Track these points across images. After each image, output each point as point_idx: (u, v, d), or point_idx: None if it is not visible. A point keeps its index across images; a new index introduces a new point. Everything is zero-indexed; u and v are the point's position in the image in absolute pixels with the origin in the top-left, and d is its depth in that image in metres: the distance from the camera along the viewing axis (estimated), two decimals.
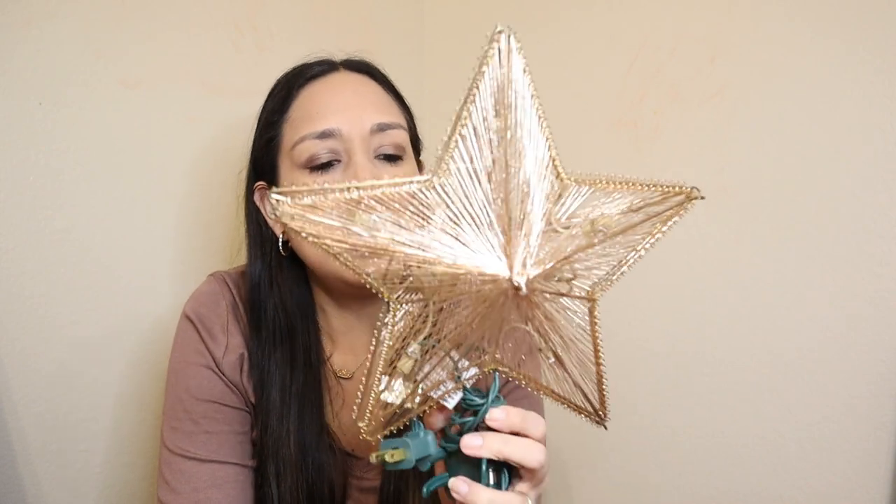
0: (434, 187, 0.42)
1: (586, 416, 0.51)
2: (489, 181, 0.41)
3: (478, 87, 0.41)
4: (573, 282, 0.46)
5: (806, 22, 0.88)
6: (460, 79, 0.44)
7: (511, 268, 0.40)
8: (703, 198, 0.45)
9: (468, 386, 0.49)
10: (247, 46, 1.03)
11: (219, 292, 0.75)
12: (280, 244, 0.72)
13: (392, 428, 0.49)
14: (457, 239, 0.41)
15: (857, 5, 0.84)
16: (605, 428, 0.52)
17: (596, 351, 0.48)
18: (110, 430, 0.94)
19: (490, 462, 0.48)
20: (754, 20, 0.93)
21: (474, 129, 0.41)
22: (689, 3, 0.99)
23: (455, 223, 0.42)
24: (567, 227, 0.43)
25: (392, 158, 0.68)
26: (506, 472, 0.49)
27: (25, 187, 0.83)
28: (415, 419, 0.50)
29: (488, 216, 0.41)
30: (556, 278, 0.45)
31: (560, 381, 0.50)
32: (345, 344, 0.76)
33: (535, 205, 0.42)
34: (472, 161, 0.41)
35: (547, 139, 0.43)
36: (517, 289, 0.40)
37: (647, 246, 0.46)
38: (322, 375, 0.73)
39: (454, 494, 0.47)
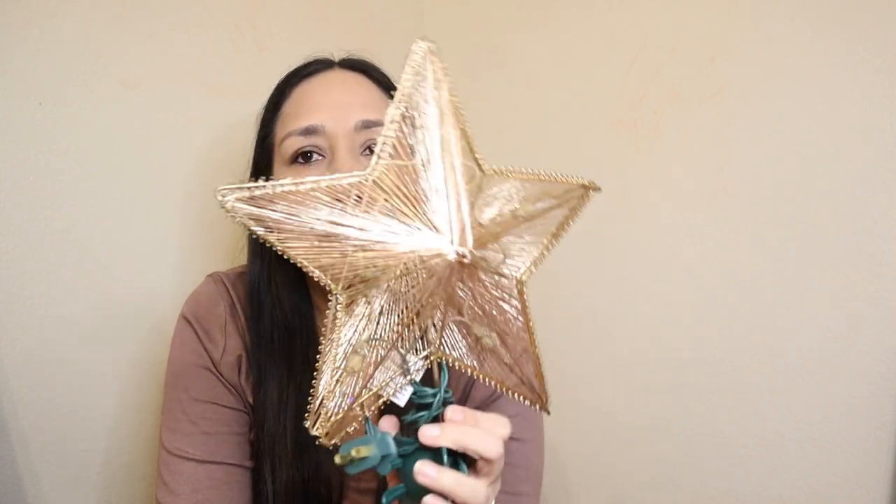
0: (373, 181, 0.45)
1: (527, 400, 0.52)
2: (420, 172, 0.45)
3: (402, 93, 0.45)
4: (504, 263, 0.49)
5: (806, 22, 0.88)
6: (460, 78, 0.45)
7: (453, 240, 0.44)
8: (599, 189, 0.49)
9: (417, 381, 0.50)
10: (247, 46, 1.03)
11: (217, 293, 0.75)
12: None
13: (347, 430, 0.50)
14: (398, 221, 0.45)
15: (857, 5, 0.84)
16: (548, 412, 0.52)
17: (530, 334, 0.50)
18: (110, 430, 0.94)
19: (448, 453, 0.48)
20: (754, 20, 0.93)
21: (402, 127, 0.45)
22: (689, 3, 0.99)
23: (394, 209, 0.45)
24: (493, 210, 0.47)
25: None
26: (464, 466, 0.49)
27: (25, 187, 0.84)
28: (368, 422, 0.50)
29: (424, 199, 0.45)
30: (490, 260, 0.48)
31: (500, 366, 0.51)
32: None
33: (461, 189, 0.45)
34: (403, 156, 0.45)
35: (464, 134, 0.46)
36: (462, 257, 0.44)
37: (561, 234, 0.50)
38: None
39: (421, 479, 0.47)
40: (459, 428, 0.48)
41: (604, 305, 1.13)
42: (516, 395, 0.52)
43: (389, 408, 0.52)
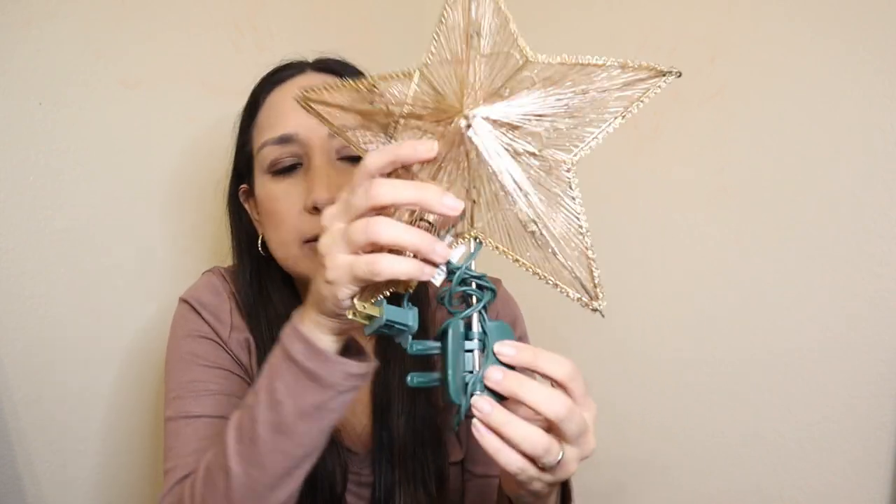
0: (421, 71, 0.49)
1: (577, 298, 0.48)
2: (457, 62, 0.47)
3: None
4: (545, 149, 0.48)
5: (806, 22, 0.88)
6: None
7: (463, 105, 0.46)
8: (679, 74, 0.48)
9: (452, 260, 0.48)
10: (247, 46, 1.03)
11: (219, 284, 0.75)
12: (259, 244, 0.72)
13: (377, 298, 0.49)
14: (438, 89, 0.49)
15: (857, 5, 0.84)
16: (602, 314, 0.47)
17: (579, 221, 0.48)
18: (110, 430, 0.94)
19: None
20: (754, 20, 0.93)
21: (449, 27, 0.48)
22: (689, 3, 0.99)
23: (434, 91, 0.49)
24: (534, 93, 0.47)
25: (355, 159, 0.67)
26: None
27: (25, 187, 0.84)
28: (405, 297, 0.49)
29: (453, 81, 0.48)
30: (525, 139, 0.47)
31: (544, 258, 0.48)
32: None
33: (491, 65, 0.47)
34: (445, 51, 0.48)
35: (510, 22, 0.47)
36: (467, 122, 0.46)
37: (625, 116, 0.49)
38: None
39: (488, 383, 0.45)
40: (520, 381, 0.45)
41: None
42: (563, 290, 0.48)
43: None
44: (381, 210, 0.45)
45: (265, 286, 0.73)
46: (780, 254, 0.93)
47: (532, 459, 0.44)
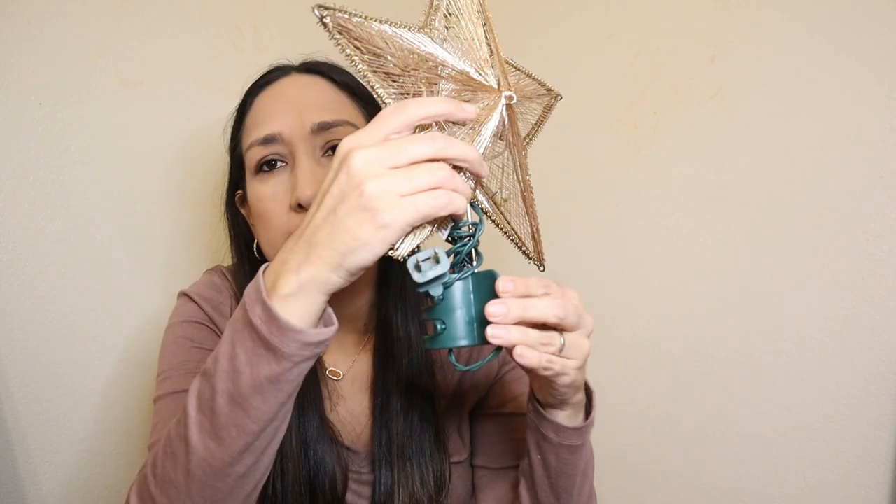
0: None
1: (527, 255, 0.57)
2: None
3: None
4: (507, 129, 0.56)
5: (805, 22, 0.88)
6: None
7: (500, 85, 0.52)
8: (560, 97, 0.63)
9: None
10: (247, 46, 1.03)
11: (220, 283, 0.76)
12: (255, 247, 0.73)
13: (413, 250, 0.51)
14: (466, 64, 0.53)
15: (857, 6, 0.84)
16: (542, 268, 0.58)
17: (525, 187, 0.57)
18: (110, 430, 0.94)
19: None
20: (754, 20, 0.93)
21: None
22: (689, 3, 0.99)
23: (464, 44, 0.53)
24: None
25: None
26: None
27: (25, 187, 0.84)
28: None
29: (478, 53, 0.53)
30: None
31: (518, 219, 0.57)
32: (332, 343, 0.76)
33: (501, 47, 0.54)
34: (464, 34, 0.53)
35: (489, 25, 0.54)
36: (510, 99, 0.52)
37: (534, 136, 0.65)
38: (318, 370, 0.73)
39: (503, 294, 0.51)
40: (519, 303, 0.50)
41: (603, 305, 1.13)
42: (524, 249, 0.57)
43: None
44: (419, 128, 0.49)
45: None
46: (780, 253, 0.93)
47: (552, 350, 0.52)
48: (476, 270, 0.52)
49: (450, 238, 0.52)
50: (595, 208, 1.11)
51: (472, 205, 0.53)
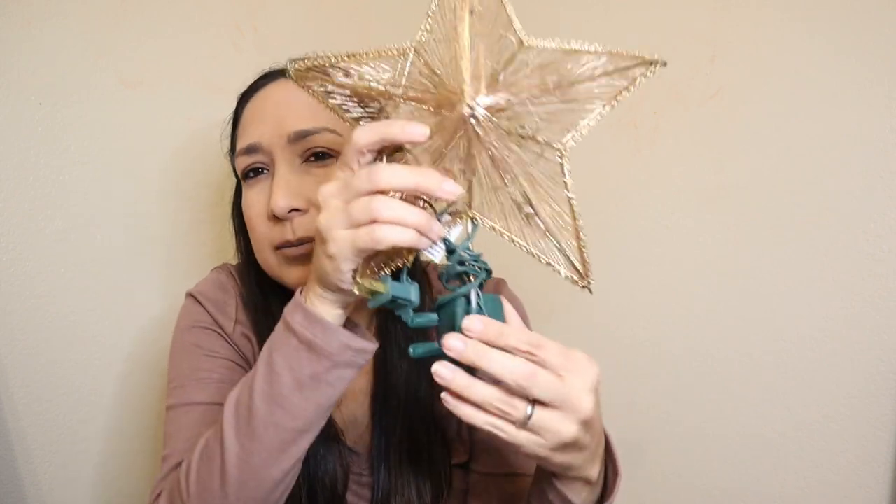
0: (414, 49, 0.49)
1: (567, 276, 0.49)
2: (451, 40, 0.48)
3: None
4: (539, 132, 0.49)
5: (806, 22, 0.88)
6: None
7: (465, 93, 0.46)
8: (665, 64, 0.47)
9: (448, 237, 0.51)
10: (247, 46, 1.03)
11: (226, 282, 0.76)
12: None
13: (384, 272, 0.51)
14: (433, 80, 0.49)
15: (857, 6, 0.84)
16: (590, 291, 0.49)
17: (570, 204, 0.49)
18: (110, 430, 0.94)
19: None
20: (754, 20, 0.93)
21: (445, 4, 0.48)
22: (689, 3, 0.99)
23: (431, 74, 0.49)
24: (530, 78, 0.48)
25: (321, 156, 0.67)
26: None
27: (25, 187, 0.84)
28: (404, 270, 0.51)
29: (455, 65, 0.48)
30: (522, 126, 0.48)
31: (537, 238, 0.50)
32: None
33: (482, 51, 0.48)
34: (441, 29, 0.48)
35: (505, 4, 0.49)
36: (471, 110, 0.46)
37: (613, 104, 0.50)
38: None
39: (448, 352, 0.46)
40: (480, 348, 0.46)
41: (602, 305, 1.13)
42: (556, 268, 0.49)
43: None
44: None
45: (265, 289, 0.74)
46: (780, 253, 0.93)
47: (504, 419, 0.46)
48: (460, 293, 0.49)
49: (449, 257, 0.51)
50: (595, 208, 1.11)
51: (472, 221, 0.51)
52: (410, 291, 0.51)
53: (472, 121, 0.47)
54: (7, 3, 0.81)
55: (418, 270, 0.73)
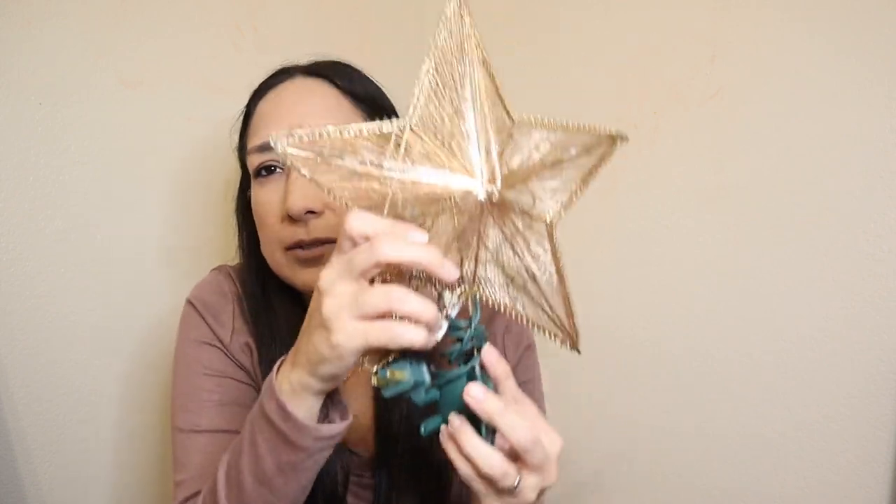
0: (411, 127, 0.48)
1: (558, 339, 0.52)
2: (454, 119, 0.49)
3: (435, 46, 0.48)
4: (534, 206, 0.50)
5: (806, 22, 0.88)
6: None
7: (483, 182, 0.48)
8: (626, 139, 0.50)
9: (452, 316, 0.51)
10: (247, 46, 1.03)
11: (224, 283, 0.76)
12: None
13: (387, 359, 0.52)
14: (434, 165, 0.49)
15: (857, 6, 0.84)
16: (578, 352, 0.52)
17: (559, 274, 0.51)
18: (110, 430, 0.94)
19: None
20: (754, 20, 0.93)
21: (437, 78, 0.48)
22: (689, 3, 0.99)
23: (429, 154, 0.49)
24: (522, 156, 0.49)
25: None
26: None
27: (25, 187, 0.84)
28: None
29: (457, 145, 0.49)
30: (521, 202, 0.50)
31: (532, 304, 0.53)
32: None
33: (491, 135, 0.49)
34: (438, 104, 0.49)
35: (496, 82, 0.49)
36: (491, 196, 0.48)
37: (592, 178, 0.52)
38: None
39: (467, 398, 0.48)
40: (499, 405, 0.48)
41: (603, 305, 1.13)
42: (547, 334, 0.52)
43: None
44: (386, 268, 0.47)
45: (268, 288, 0.74)
46: (780, 253, 0.93)
47: (490, 481, 0.48)
48: (464, 370, 0.51)
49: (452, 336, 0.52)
50: (595, 208, 1.11)
51: (473, 300, 0.52)
52: (423, 372, 0.51)
53: (487, 202, 0.48)
54: (7, 3, 0.81)
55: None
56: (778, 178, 0.92)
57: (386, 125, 0.48)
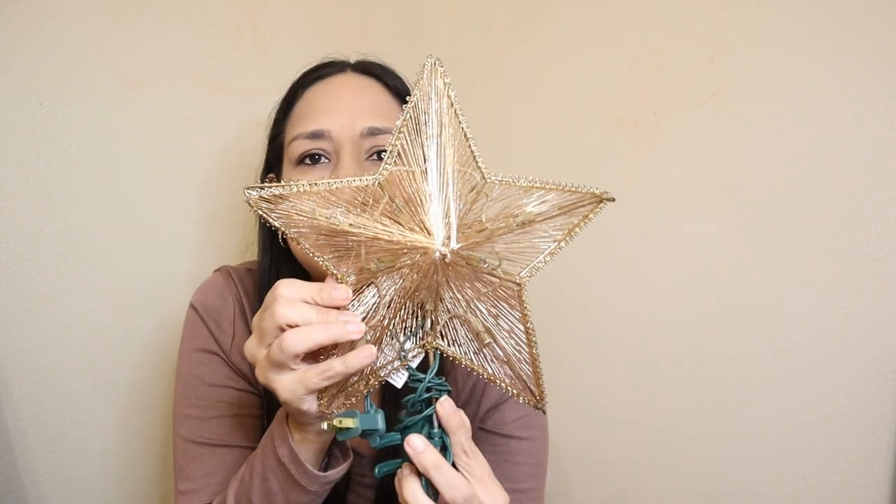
0: (378, 185, 0.51)
1: (524, 398, 0.55)
2: (420, 179, 0.51)
3: (411, 105, 0.50)
4: (501, 266, 0.52)
5: (805, 22, 0.88)
6: (460, 79, 0.45)
7: (440, 241, 0.50)
8: (613, 200, 0.51)
9: (412, 366, 0.54)
10: (247, 47, 1.03)
11: (225, 286, 0.76)
12: (280, 237, 0.73)
13: (348, 403, 0.55)
14: (395, 221, 0.51)
15: (857, 6, 0.84)
16: (544, 412, 0.54)
17: (528, 335, 0.53)
18: (110, 430, 0.94)
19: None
20: (754, 20, 0.93)
21: (408, 137, 0.51)
22: (689, 3, 0.99)
23: (394, 211, 0.51)
24: (491, 214, 0.51)
25: (381, 156, 0.68)
26: (451, 454, 0.54)
27: (25, 187, 0.84)
28: (367, 398, 0.55)
29: (420, 203, 0.51)
30: (483, 261, 0.51)
31: (496, 362, 0.54)
32: None
33: (452, 194, 0.51)
34: (406, 163, 0.51)
35: (469, 142, 0.51)
36: (444, 256, 0.49)
37: (567, 240, 0.53)
38: None
39: (407, 448, 0.51)
40: (435, 460, 0.51)
41: (602, 305, 1.13)
42: (509, 391, 0.54)
43: (389, 388, 0.57)
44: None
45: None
46: (780, 253, 0.93)
47: None
48: (423, 416, 0.53)
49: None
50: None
51: (434, 353, 0.54)
52: (378, 420, 0.54)
53: (441, 261, 0.50)
54: (7, 3, 0.81)
55: (389, 392, 0.74)
56: (778, 178, 0.92)
57: (356, 180, 0.51)
